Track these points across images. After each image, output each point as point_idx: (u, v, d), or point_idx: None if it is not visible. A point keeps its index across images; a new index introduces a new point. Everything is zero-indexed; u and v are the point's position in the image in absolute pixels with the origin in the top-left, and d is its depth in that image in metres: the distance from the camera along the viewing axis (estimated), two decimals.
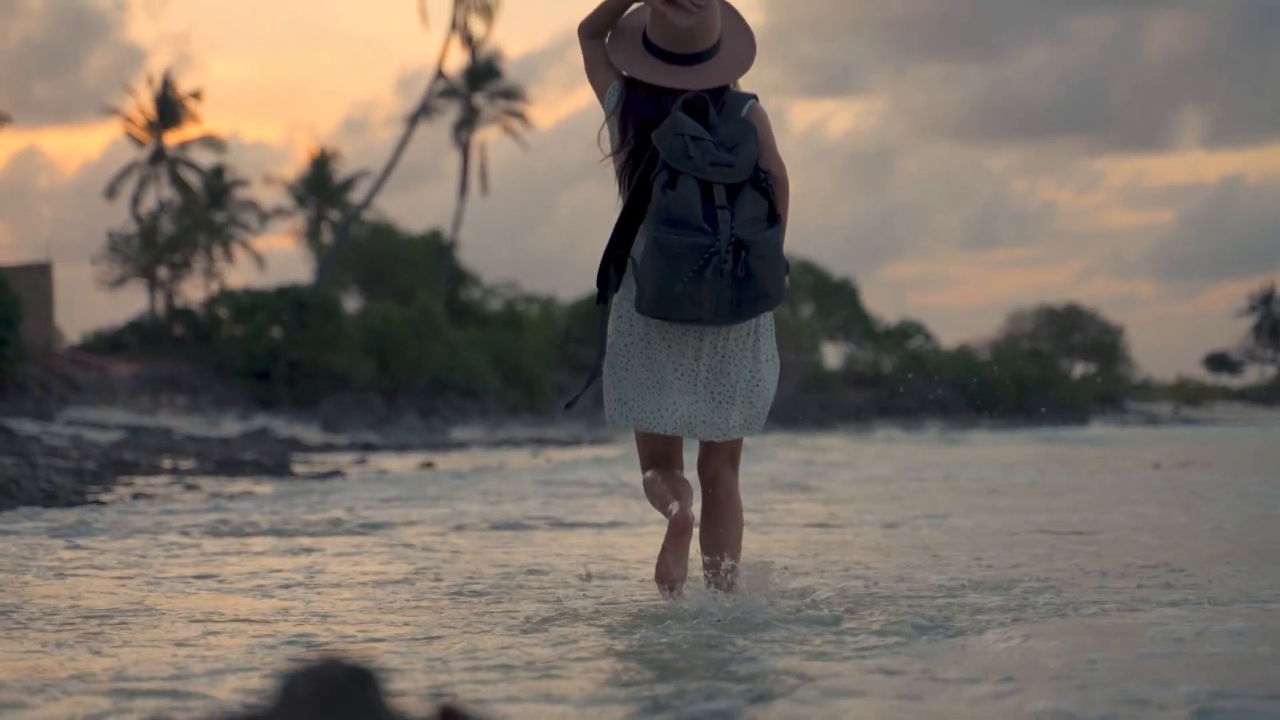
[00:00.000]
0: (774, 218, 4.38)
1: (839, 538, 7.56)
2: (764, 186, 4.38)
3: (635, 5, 4.63)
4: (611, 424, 4.59)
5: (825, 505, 10.19)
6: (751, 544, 5.76)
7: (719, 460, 4.68)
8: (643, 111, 4.51)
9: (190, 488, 12.10)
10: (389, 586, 5.47)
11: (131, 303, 66.59)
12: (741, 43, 4.59)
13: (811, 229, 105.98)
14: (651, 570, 4.74)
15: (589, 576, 5.60)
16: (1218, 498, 10.49)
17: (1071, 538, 7.32)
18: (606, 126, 4.62)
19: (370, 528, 8.14)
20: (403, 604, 4.97)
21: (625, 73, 4.57)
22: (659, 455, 4.65)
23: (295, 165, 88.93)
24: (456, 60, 62.66)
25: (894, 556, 6.48)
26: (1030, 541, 7.17)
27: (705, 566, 4.64)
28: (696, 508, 4.63)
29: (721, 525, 4.63)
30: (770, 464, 17.20)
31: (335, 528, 8.13)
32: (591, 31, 4.68)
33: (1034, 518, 8.70)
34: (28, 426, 23.81)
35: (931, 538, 7.48)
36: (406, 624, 4.49)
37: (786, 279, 4.41)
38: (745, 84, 4.66)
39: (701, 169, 4.32)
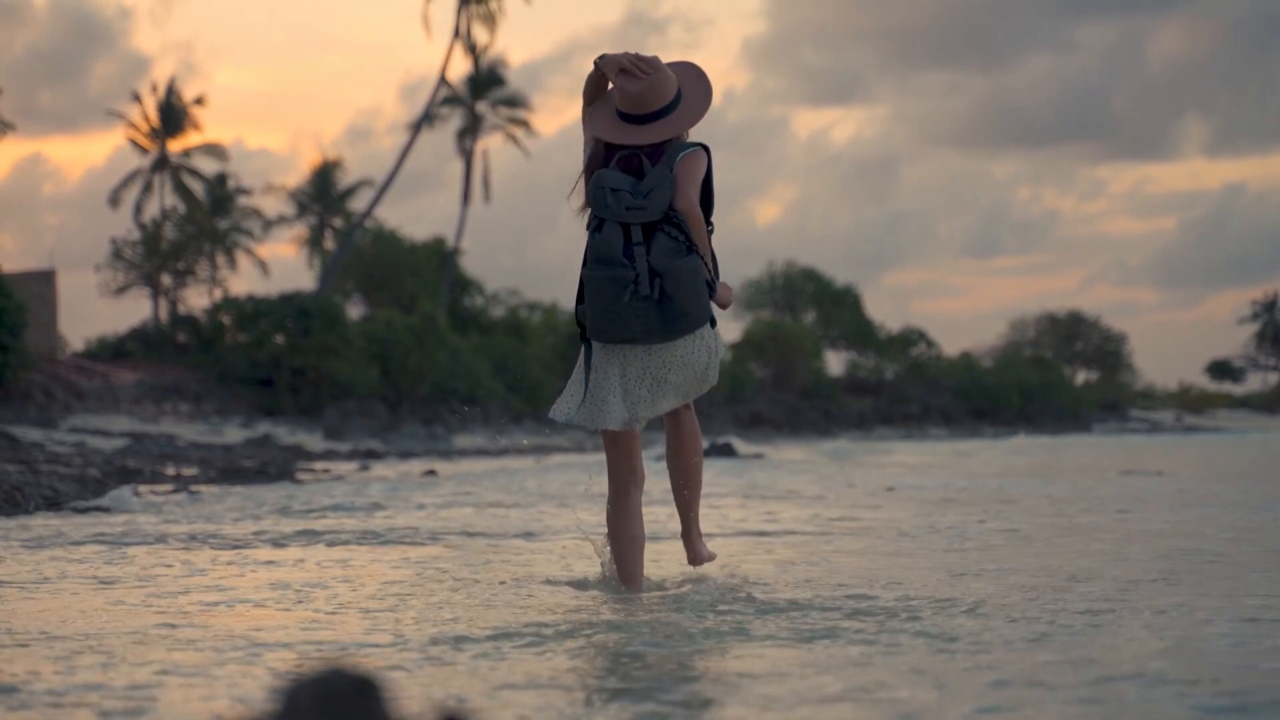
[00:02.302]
0: (690, 248, 5.11)
1: (833, 546, 7.56)
2: (676, 223, 5.13)
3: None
4: (553, 419, 5.41)
5: (810, 510, 10.19)
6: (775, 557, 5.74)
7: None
8: (595, 167, 5.31)
9: (193, 495, 12.12)
10: (393, 594, 5.48)
11: (135, 310, 66.75)
12: (698, 97, 5.31)
13: (814, 236, 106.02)
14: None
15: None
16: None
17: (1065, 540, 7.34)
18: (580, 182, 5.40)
19: (374, 536, 8.15)
20: (406, 612, 4.98)
21: (591, 133, 5.34)
22: (620, 462, 5.40)
23: (299, 173, 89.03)
24: (460, 68, 62.74)
25: (912, 564, 6.49)
26: (1047, 549, 7.19)
27: (683, 520, 5.51)
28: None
29: (681, 456, 5.47)
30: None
31: (338, 536, 8.14)
32: (586, 99, 5.42)
33: (1029, 523, 8.73)
34: (31, 434, 23.84)
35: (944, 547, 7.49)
36: (410, 632, 4.50)
37: (725, 295, 5.24)
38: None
39: (619, 214, 5.11)
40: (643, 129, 5.21)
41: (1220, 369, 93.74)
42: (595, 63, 5.31)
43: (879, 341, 70.51)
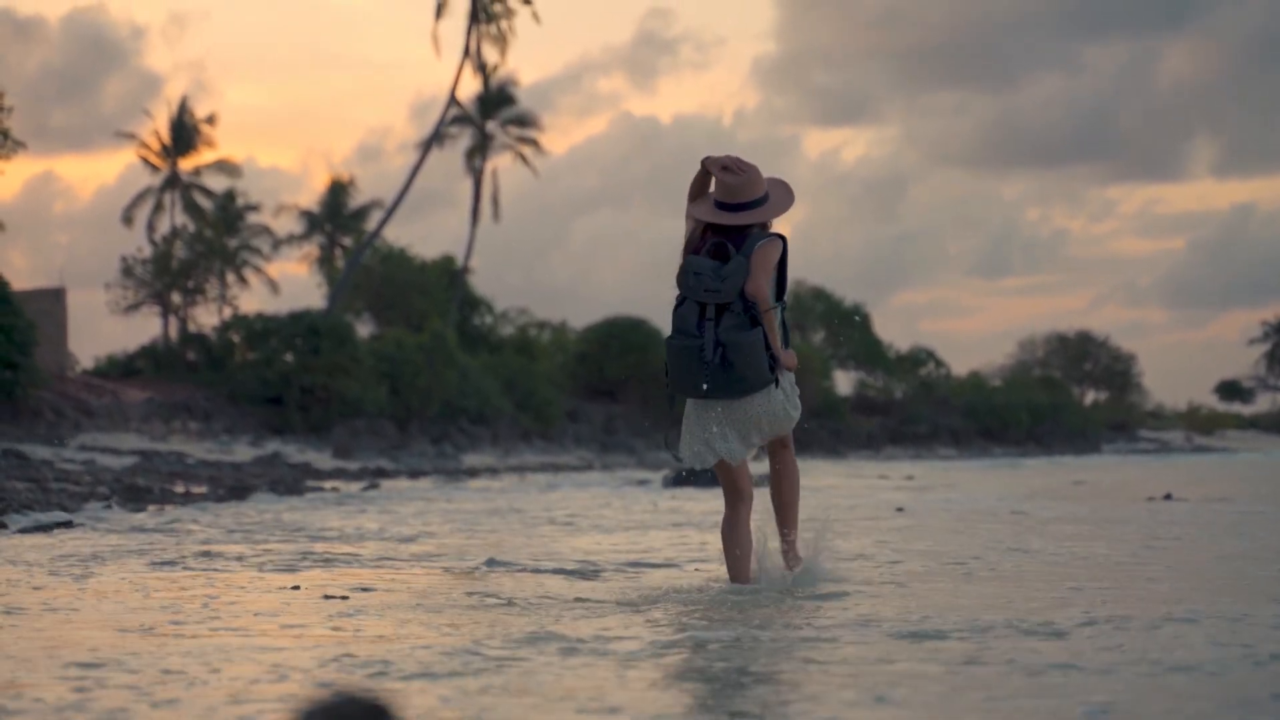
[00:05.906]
0: (754, 324, 6.21)
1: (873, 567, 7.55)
2: (746, 303, 6.24)
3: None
4: (689, 463, 6.50)
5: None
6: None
7: (777, 442, 6.54)
8: (690, 250, 6.45)
9: (203, 513, 12.12)
10: (405, 615, 5.47)
11: (145, 328, 66.76)
12: (783, 197, 6.52)
13: (823, 256, 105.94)
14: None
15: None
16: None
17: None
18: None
19: (383, 557, 8.14)
20: (416, 631, 4.96)
21: (692, 215, 6.53)
22: (728, 486, 6.47)
23: (310, 191, 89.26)
24: (470, 87, 62.79)
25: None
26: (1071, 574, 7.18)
27: (781, 538, 6.54)
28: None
29: (780, 493, 6.55)
30: None
31: (345, 556, 8.13)
32: (690, 196, 6.60)
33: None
34: (41, 451, 23.87)
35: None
36: (425, 654, 4.48)
37: (789, 361, 6.29)
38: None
39: (697, 294, 6.27)
40: (734, 214, 6.37)
41: (1229, 389, 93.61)
42: (702, 162, 6.50)
43: (888, 361, 70.49)
